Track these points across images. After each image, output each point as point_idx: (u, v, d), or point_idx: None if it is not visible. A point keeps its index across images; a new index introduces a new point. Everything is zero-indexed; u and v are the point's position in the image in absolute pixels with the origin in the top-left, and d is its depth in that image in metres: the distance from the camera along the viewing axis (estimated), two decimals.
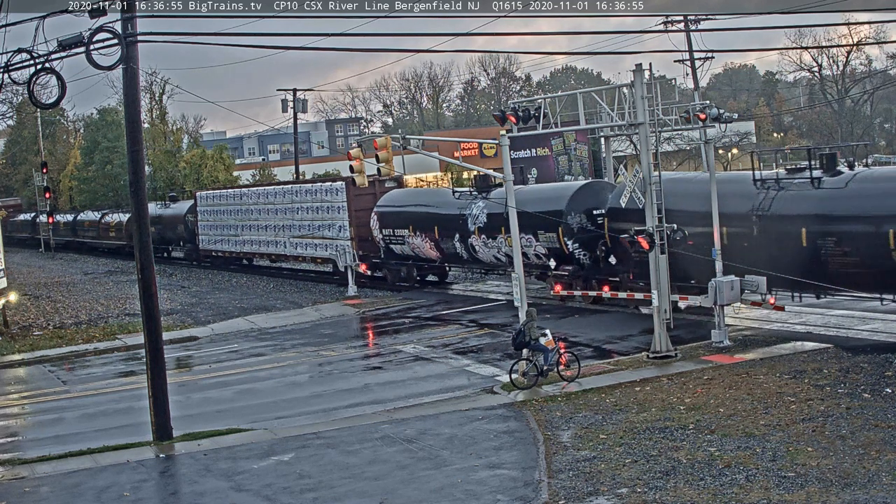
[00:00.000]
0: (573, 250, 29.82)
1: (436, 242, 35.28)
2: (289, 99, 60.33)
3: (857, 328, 23.96)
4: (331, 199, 40.65)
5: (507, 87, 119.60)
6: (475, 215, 33.16)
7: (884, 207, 21.55)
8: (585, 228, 29.57)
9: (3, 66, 17.88)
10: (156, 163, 69.18)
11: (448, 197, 35.55)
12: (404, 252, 37.43)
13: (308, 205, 42.25)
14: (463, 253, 34.31)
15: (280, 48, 24.91)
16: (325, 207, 41.10)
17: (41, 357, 29.06)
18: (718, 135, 61.22)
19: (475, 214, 33.16)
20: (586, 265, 29.99)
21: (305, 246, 42.72)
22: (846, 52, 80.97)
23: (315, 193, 42.06)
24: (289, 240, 44.05)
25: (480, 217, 32.94)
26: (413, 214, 36.38)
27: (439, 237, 34.96)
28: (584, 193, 29.94)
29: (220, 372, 25.42)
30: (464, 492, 14.12)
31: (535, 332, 20.58)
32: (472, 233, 33.29)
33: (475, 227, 33.16)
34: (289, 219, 43.89)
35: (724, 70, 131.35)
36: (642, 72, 22.15)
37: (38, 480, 16.52)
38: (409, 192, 39.89)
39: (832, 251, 22.31)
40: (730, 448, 14.99)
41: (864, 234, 21.79)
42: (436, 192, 37.34)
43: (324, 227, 41.27)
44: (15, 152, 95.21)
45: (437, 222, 34.95)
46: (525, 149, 55.18)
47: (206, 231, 52.10)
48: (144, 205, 19.19)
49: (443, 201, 35.58)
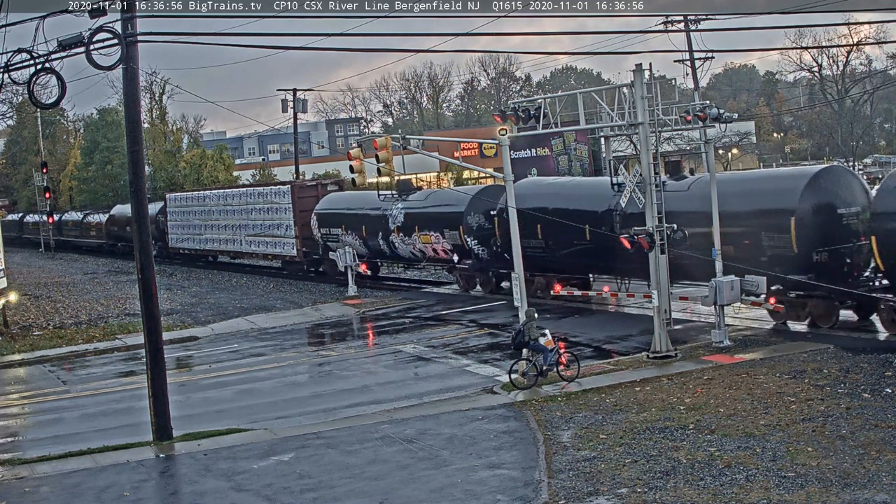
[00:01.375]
0: (472, 246, 33.70)
1: (363, 240, 39.16)
2: (289, 99, 60.32)
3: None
4: (278, 201, 44.37)
5: (507, 87, 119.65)
6: (395, 216, 37.02)
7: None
8: (483, 227, 33.21)
9: (3, 66, 17.89)
10: (156, 163, 69.18)
11: (374, 199, 38.77)
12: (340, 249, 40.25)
13: (260, 206, 45.84)
14: (385, 249, 38.33)
15: (280, 48, 24.90)
16: (274, 209, 44.79)
17: (41, 357, 29.05)
18: (718, 135, 61.17)
19: (395, 215, 37.02)
20: (484, 259, 33.75)
21: (258, 244, 46.39)
22: (846, 52, 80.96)
23: (265, 196, 45.67)
24: (244, 238, 47.68)
25: (399, 217, 36.80)
26: (345, 216, 40.43)
27: (366, 235, 38.87)
28: (483, 195, 33.43)
29: (220, 372, 25.42)
30: (464, 492, 14.12)
31: (534, 332, 20.57)
32: (392, 231, 37.09)
33: (395, 226, 36.97)
34: (244, 219, 47.44)
35: (724, 70, 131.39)
36: (642, 72, 22.15)
37: (38, 480, 16.51)
38: (343, 195, 43.13)
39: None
40: (730, 448, 14.99)
41: (700, 232, 23.84)
42: (365, 195, 40.23)
43: (273, 226, 44.98)
44: (15, 152, 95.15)
45: (364, 222, 38.80)
46: (525, 149, 55.24)
47: (174, 230, 55.44)
48: (144, 205, 19.20)
49: (369, 203, 39.03)
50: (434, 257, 36.29)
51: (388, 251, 38.30)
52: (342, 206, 41.32)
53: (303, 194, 43.47)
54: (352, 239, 39.68)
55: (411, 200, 36.78)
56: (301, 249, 43.26)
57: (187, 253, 54.85)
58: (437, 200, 36.22)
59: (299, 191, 43.98)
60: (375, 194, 39.22)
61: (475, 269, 34.60)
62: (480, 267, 34.27)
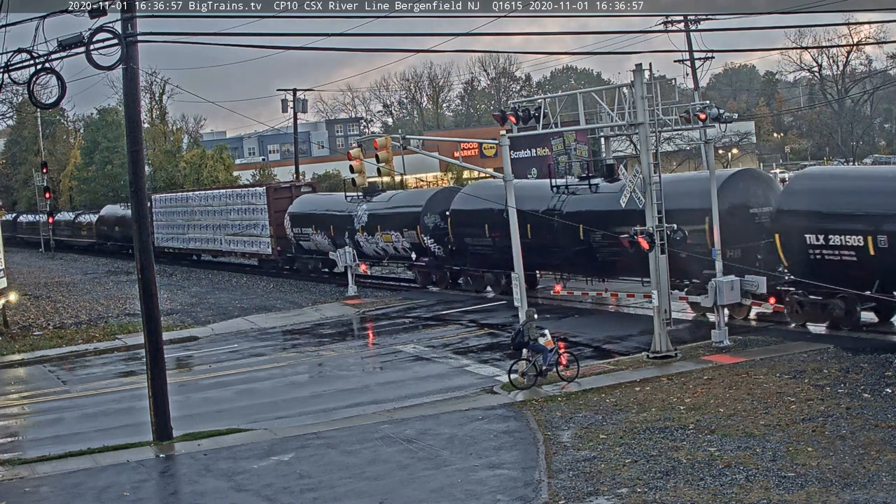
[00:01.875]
0: (429, 245, 36.10)
1: (332, 239, 41.39)
2: (289, 99, 60.32)
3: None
4: (255, 202, 46.75)
5: (507, 87, 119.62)
6: (360, 216, 39.51)
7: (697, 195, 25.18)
8: (438, 227, 35.55)
9: (3, 66, 17.88)
10: (156, 163, 69.16)
11: (342, 201, 41.34)
12: (310, 248, 43.75)
13: (238, 207, 48.19)
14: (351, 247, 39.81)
15: (280, 48, 24.92)
16: (251, 209, 47.15)
17: (41, 357, 29.05)
18: (718, 135, 61.20)
19: (360, 215, 39.52)
20: (440, 257, 36.17)
21: (237, 243, 48.85)
22: (846, 52, 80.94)
23: (243, 197, 48.09)
24: (224, 237, 50.06)
25: (363, 217, 39.31)
26: (316, 216, 42.83)
27: (334, 234, 41.19)
28: (439, 197, 36.09)
29: (220, 372, 25.42)
30: (464, 492, 14.12)
31: (534, 333, 20.57)
32: (358, 231, 39.61)
33: (359, 225, 39.49)
34: (224, 219, 49.77)
35: (724, 70, 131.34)
36: (642, 72, 22.14)
37: (38, 480, 16.52)
38: (315, 196, 45.82)
39: (600, 242, 28.08)
40: (730, 448, 14.99)
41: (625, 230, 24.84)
42: (334, 196, 43.47)
43: (250, 226, 47.43)
44: (15, 152, 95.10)
45: (332, 222, 41.29)
46: (525, 149, 55.22)
47: (160, 230, 56.78)
48: (144, 205, 19.21)
49: (337, 205, 41.68)
50: (395, 255, 39.03)
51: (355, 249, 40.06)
52: (313, 207, 43.70)
53: (277, 196, 45.59)
54: (321, 238, 42.29)
55: (375, 202, 39.26)
56: (276, 248, 45.58)
57: (172, 252, 56.71)
58: (398, 202, 38.52)
59: (274, 192, 46.03)
60: (341, 195, 41.90)
61: (431, 266, 37.11)
62: (436, 264, 36.82)
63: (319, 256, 43.14)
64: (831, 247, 23.09)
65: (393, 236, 37.55)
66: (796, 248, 23.92)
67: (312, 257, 44.08)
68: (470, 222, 33.77)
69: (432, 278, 37.62)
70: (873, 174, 29.17)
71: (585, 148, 57.47)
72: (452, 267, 36.18)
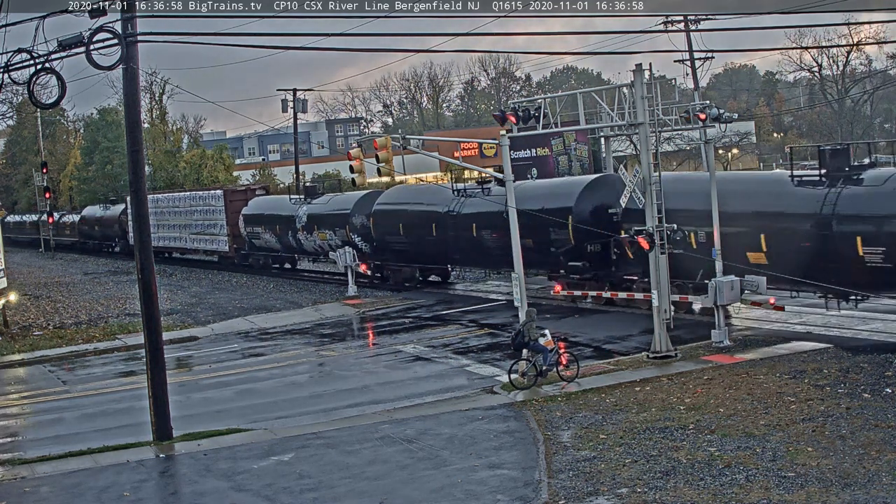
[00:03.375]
0: (357, 242, 39.48)
1: (278, 237, 45.56)
2: (289, 99, 60.33)
3: (857, 328, 23.98)
4: (214, 204, 50.60)
5: (507, 87, 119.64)
6: (300, 216, 43.08)
7: (562, 198, 30.02)
8: (364, 226, 39.06)
9: (3, 66, 17.87)
10: (156, 163, 69.17)
11: (287, 203, 45.01)
12: (261, 245, 47.75)
13: (200, 208, 51.94)
14: (294, 244, 44.58)
15: (280, 48, 24.89)
16: (211, 210, 51.01)
17: (41, 357, 29.05)
18: (718, 135, 61.16)
19: (300, 216, 43.08)
20: (366, 252, 39.36)
21: (200, 241, 52.72)
22: (846, 52, 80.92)
23: (205, 199, 51.89)
24: (189, 236, 54.14)
25: (303, 218, 42.86)
26: (265, 216, 46.76)
27: (279, 233, 45.14)
28: (365, 199, 39.46)
29: (220, 372, 25.43)
30: (464, 492, 14.12)
31: (534, 333, 20.57)
32: (299, 230, 43.22)
33: (300, 225, 43.10)
34: (188, 220, 53.61)
35: (724, 70, 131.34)
36: (642, 72, 22.14)
37: (38, 480, 16.52)
38: (266, 198, 49.34)
39: (489, 238, 32.07)
40: (730, 448, 14.99)
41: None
42: (282, 198, 47.01)
43: (210, 226, 51.40)
44: (15, 152, 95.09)
45: (278, 222, 45.07)
46: (525, 149, 55.17)
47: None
48: (145, 205, 19.21)
49: (283, 206, 45.26)
50: (329, 251, 41.81)
51: (296, 246, 44.64)
52: (263, 208, 47.65)
53: (234, 198, 49.57)
54: (269, 236, 46.40)
55: (314, 204, 42.91)
56: (233, 246, 49.93)
57: None
58: (333, 203, 41.95)
59: (231, 195, 50.08)
60: (286, 198, 45.99)
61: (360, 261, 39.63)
62: (363, 259, 39.56)
63: (270, 253, 47.88)
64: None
65: (327, 234, 41.45)
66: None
67: (263, 254, 48.54)
68: (388, 222, 37.46)
69: (359, 273, 39.73)
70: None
71: (585, 148, 57.46)
72: (376, 262, 39.51)
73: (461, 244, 33.87)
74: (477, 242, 32.96)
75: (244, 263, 50.06)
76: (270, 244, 46.72)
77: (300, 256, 47.21)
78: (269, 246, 47.07)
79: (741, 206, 24.47)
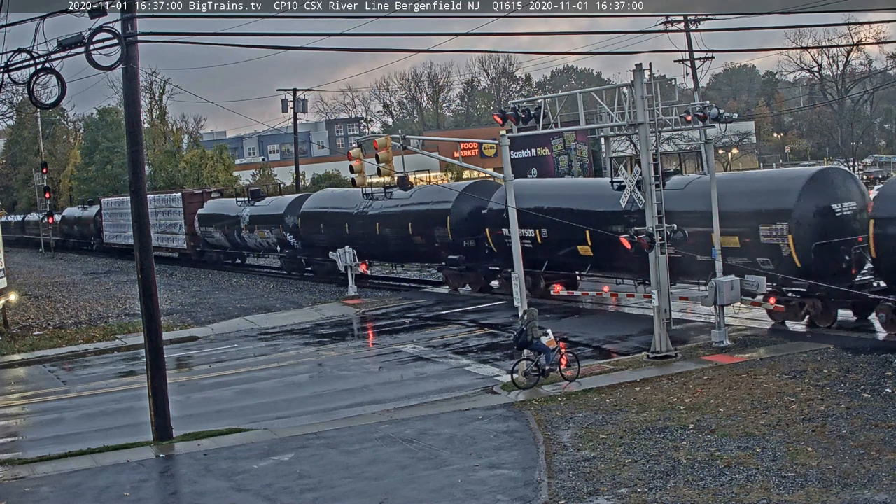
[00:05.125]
0: (289, 240, 44.90)
1: (226, 235, 51.13)
2: (289, 99, 60.36)
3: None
4: (174, 205, 55.94)
5: (507, 87, 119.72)
6: (244, 217, 48.49)
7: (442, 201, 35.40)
8: (296, 225, 43.92)
9: (3, 66, 17.87)
10: (156, 163, 69.19)
11: (234, 204, 50.26)
12: (213, 242, 53.29)
13: (162, 209, 56.95)
14: (240, 241, 50.09)
15: (280, 48, 24.92)
16: (171, 211, 56.35)
17: (41, 357, 29.05)
18: (718, 135, 61.19)
19: (244, 216, 48.50)
20: (297, 248, 44.69)
21: (162, 239, 56.79)
22: (846, 52, 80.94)
23: (166, 201, 57.26)
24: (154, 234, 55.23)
25: (247, 218, 48.23)
26: (215, 216, 52.20)
27: (227, 231, 50.75)
28: (297, 202, 44.77)
29: (220, 372, 25.42)
30: (464, 492, 14.12)
31: (536, 332, 20.56)
32: (243, 228, 48.73)
33: (244, 224, 48.53)
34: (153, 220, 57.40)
35: (724, 70, 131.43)
36: (642, 72, 22.12)
37: (38, 480, 16.51)
38: (217, 201, 54.30)
39: (389, 235, 37.79)
40: (730, 448, 14.99)
41: (402, 227, 37.02)
42: (229, 201, 52.12)
43: (171, 225, 56.79)
44: (15, 152, 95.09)
45: (227, 221, 50.48)
46: (525, 149, 55.21)
47: (107, 229, 67.34)
48: (145, 205, 19.20)
49: (230, 207, 50.61)
50: (268, 248, 48.32)
51: (241, 243, 50.26)
52: (214, 209, 52.94)
53: (191, 200, 54.68)
54: (219, 235, 51.87)
55: (256, 205, 48.21)
56: (190, 243, 54.96)
57: (117, 247, 65.49)
58: (271, 205, 47.31)
59: (189, 197, 55.05)
60: (233, 200, 51.05)
61: (291, 256, 45.82)
62: (294, 255, 45.46)
63: (221, 250, 53.70)
64: None
65: (266, 232, 46.90)
66: None
67: (216, 251, 54.24)
68: (313, 222, 42.81)
69: (292, 266, 46.15)
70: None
71: (585, 148, 57.47)
72: (304, 257, 44.59)
73: (368, 240, 38.82)
74: (380, 239, 38.41)
75: (200, 259, 54.93)
76: (221, 242, 52.35)
77: (248, 252, 52.94)
78: (220, 243, 52.70)
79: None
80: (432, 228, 35.37)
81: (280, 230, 45.20)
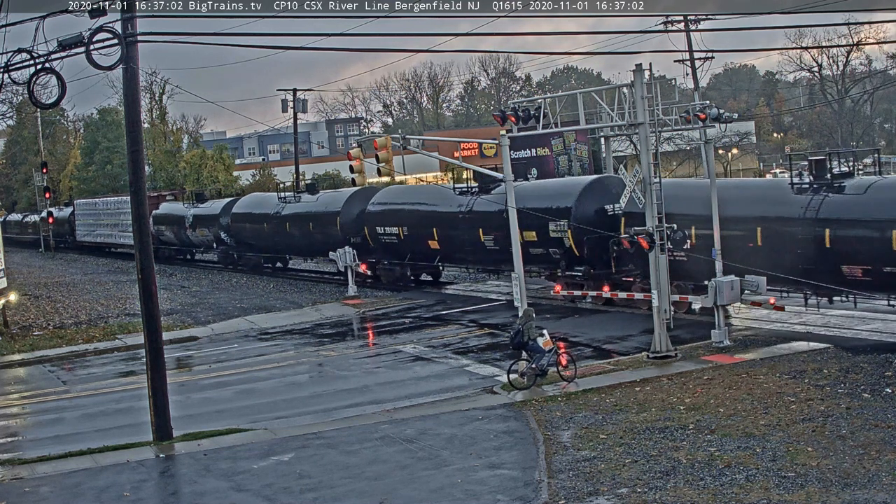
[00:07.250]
0: (224, 237, 50.71)
1: (175, 233, 56.77)
2: (289, 99, 60.33)
3: (856, 328, 23.99)
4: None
5: (507, 87, 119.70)
6: (189, 217, 54.08)
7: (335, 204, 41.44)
8: (229, 224, 49.50)
9: (3, 66, 17.87)
10: (156, 163, 69.18)
11: (181, 206, 56.30)
12: (166, 240, 58.27)
13: (124, 210, 58.40)
14: (185, 239, 55.92)
15: (280, 48, 24.93)
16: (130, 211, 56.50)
17: (41, 357, 29.04)
18: (718, 135, 61.16)
19: (189, 216, 54.08)
20: (231, 245, 50.62)
21: (124, 237, 60.55)
22: (846, 52, 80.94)
23: (125, 203, 57.04)
24: (117, 233, 64.03)
25: (190, 218, 53.80)
26: (166, 216, 57.70)
27: (176, 230, 56.43)
28: (230, 204, 50.28)
29: (220, 372, 25.42)
30: (464, 492, 14.12)
31: (533, 333, 20.54)
32: (187, 227, 54.36)
33: (188, 224, 54.12)
34: (116, 220, 63.22)
35: (724, 70, 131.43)
36: (642, 72, 22.13)
37: (38, 480, 16.51)
38: (168, 204, 59.46)
39: (297, 233, 43.55)
40: (730, 448, 14.99)
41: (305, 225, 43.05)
42: (178, 204, 57.73)
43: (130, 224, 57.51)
44: (15, 152, 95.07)
45: (174, 221, 56.30)
46: (525, 149, 55.19)
47: (80, 228, 72.83)
48: (144, 205, 19.24)
49: (178, 209, 56.54)
50: (208, 244, 53.68)
51: (187, 241, 55.80)
52: (166, 210, 58.18)
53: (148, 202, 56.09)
54: (169, 233, 57.27)
55: (200, 207, 53.61)
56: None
57: (88, 245, 71.29)
58: (210, 207, 52.55)
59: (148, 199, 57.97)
60: (182, 203, 56.50)
61: (225, 252, 51.72)
62: (228, 251, 51.38)
63: (171, 246, 58.67)
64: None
65: (205, 231, 52.43)
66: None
67: (168, 247, 58.89)
68: (241, 222, 48.56)
69: (227, 261, 51.93)
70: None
71: (585, 148, 57.47)
72: (236, 253, 50.62)
73: (281, 237, 45.08)
74: (289, 236, 44.44)
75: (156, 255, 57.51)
76: (171, 239, 57.88)
77: (194, 249, 57.88)
78: (171, 241, 58.06)
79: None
80: (327, 227, 41.08)
81: (217, 229, 51.01)
